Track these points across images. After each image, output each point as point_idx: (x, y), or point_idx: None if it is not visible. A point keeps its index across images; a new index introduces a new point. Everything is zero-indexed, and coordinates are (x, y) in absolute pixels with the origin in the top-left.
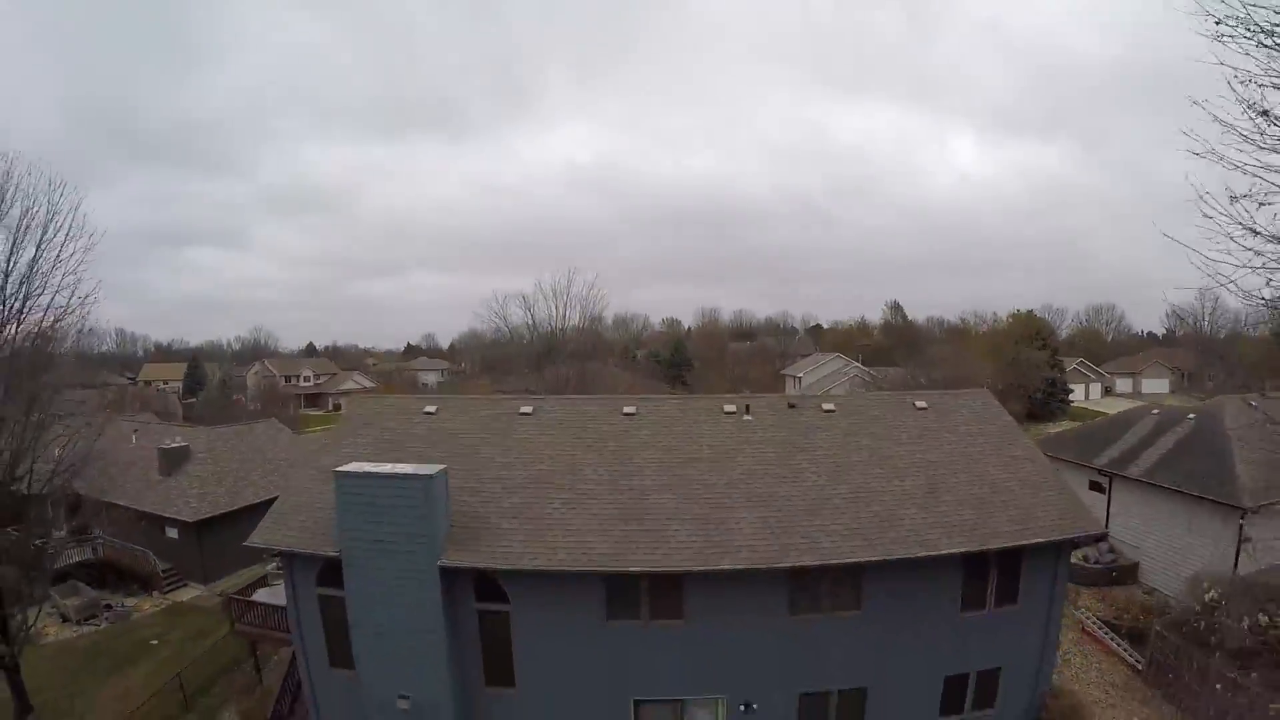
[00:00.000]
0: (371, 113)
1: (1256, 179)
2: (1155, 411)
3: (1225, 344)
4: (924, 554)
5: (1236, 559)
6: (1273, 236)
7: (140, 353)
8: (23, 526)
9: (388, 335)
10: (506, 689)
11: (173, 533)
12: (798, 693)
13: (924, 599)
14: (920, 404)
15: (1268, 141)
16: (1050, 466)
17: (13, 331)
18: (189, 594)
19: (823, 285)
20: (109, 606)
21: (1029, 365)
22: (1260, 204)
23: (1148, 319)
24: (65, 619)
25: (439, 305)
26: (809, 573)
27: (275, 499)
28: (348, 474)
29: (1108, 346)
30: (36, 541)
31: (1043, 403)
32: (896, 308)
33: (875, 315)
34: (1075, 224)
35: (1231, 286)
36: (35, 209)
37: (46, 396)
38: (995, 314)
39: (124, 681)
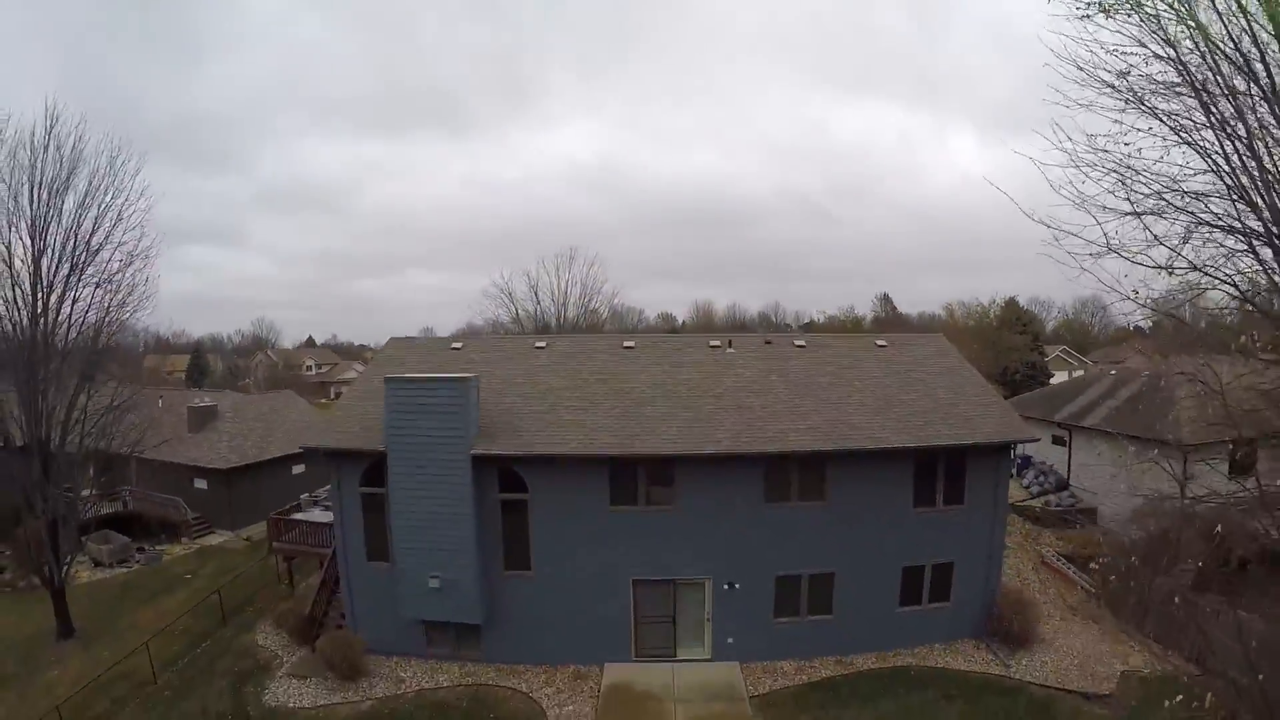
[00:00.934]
0: (372, 109)
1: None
2: (1113, 372)
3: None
4: (874, 447)
5: (1182, 493)
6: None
7: (140, 347)
8: (70, 485)
9: (386, 331)
10: (524, 572)
11: (201, 484)
12: (774, 575)
13: (880, 494)
14: (880, 342)
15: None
16: (993, 391)
17: (80, 292)
18: (217, 539)
19: (819, 283)
20: (141, 549)
21: (1009, 348)
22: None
23: (1136, 313)
24: (98, 563)
25: (437, 304)
26: (779, 463)
27: (300, 452)
28: (396, 379)
29: (1091, 338)
30: (70, 494)
31: (1022, 384)
32: (886, 300)
33: (866, 309)
34: (1066, 220)
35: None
36: (100, 175)
37: (104, 363)
38: (979, 301)
39: (160, 607)
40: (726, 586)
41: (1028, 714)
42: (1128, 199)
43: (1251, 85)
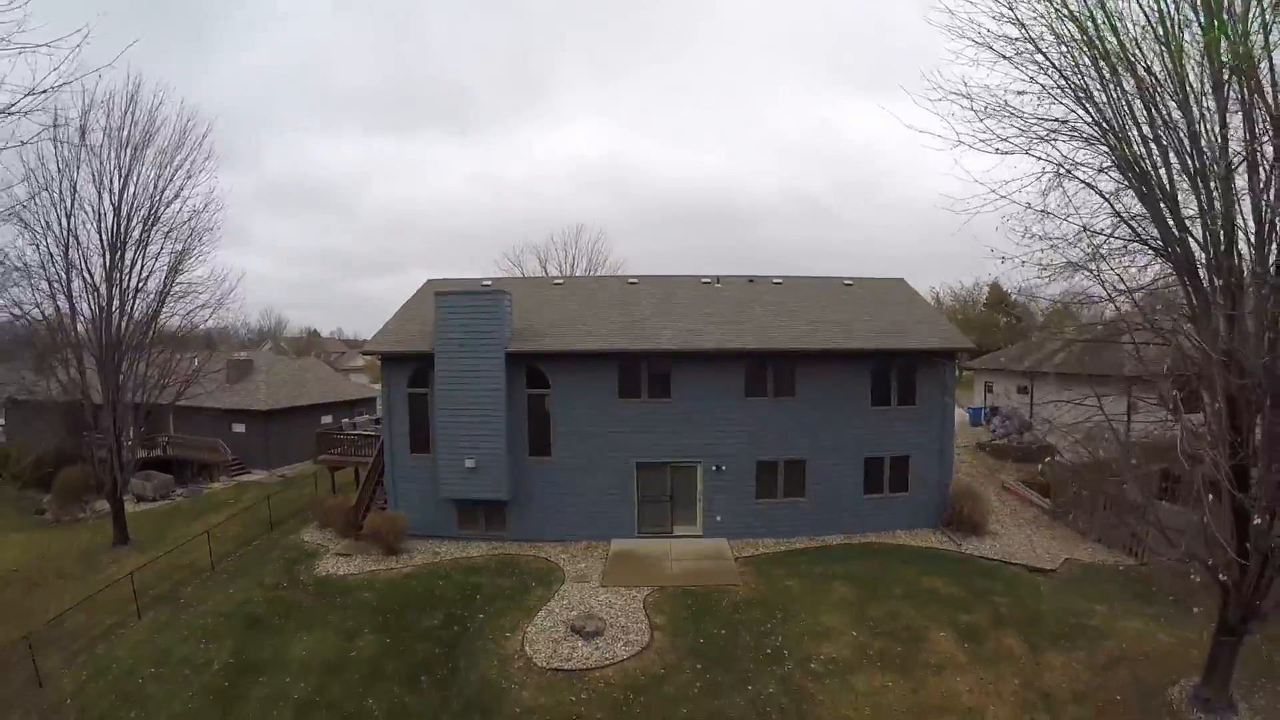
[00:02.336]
0: (378, 106)
1: None
2: (1071, 329)
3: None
4: (832, 347)
5: (1128, 422)
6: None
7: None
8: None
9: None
10: (545, 457)
11: (239, 427)
12: (754, 460)
13: (842, 393)
14: (847, 282)
15: None
16: (944, 318)
17: (152, 237)
18: (253, 478)
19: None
20: (183, 484)
21: (991, 326)
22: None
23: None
24: (141, 498)
25: None
26: (757, 362)
27: (329, 403)
28: (445, 292)
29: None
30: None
31: None
32: None
33: None
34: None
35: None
36: (174, 137)
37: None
38: (963, 284)
39: (207, 522)
40: (715, 468)
41: (975, 573)
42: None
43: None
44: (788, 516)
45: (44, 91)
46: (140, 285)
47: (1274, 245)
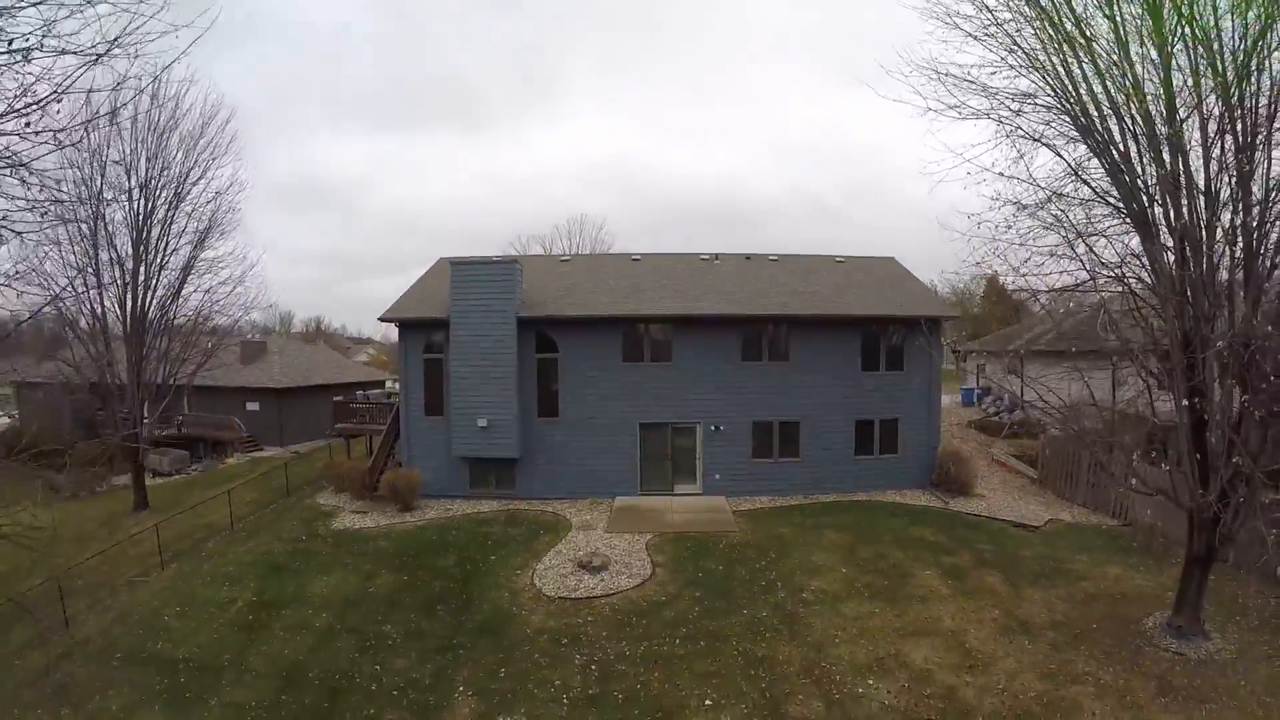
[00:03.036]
0: (383, 103)
1: None
2: (1061, 311)
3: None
4: (825, 312)
5: (1113, 396)
6: None
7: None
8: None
9: (390, 329)
10: (553, 418)
11: (254, 405)
12: (750, 421)
13: (834, 358)
14: (839, 259)
15: None
16: (932, 292)
17: (176, 216)
18: (266, 454)
19: None
20: (198, 459)
21: (989, 317)
22: None
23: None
24: (157, 473)
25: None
26: (753, 328)
27: (339, 384)
28: (460, 260)
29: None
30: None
31: None
32: None
33: None
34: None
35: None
36: (198, 123)
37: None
38: (959, 275)
39: (221, 491)
40: (713, 428)
41: (961, 526)
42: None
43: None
44: (783, 475)
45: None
46: (165, 261)
47: (1217, 193)
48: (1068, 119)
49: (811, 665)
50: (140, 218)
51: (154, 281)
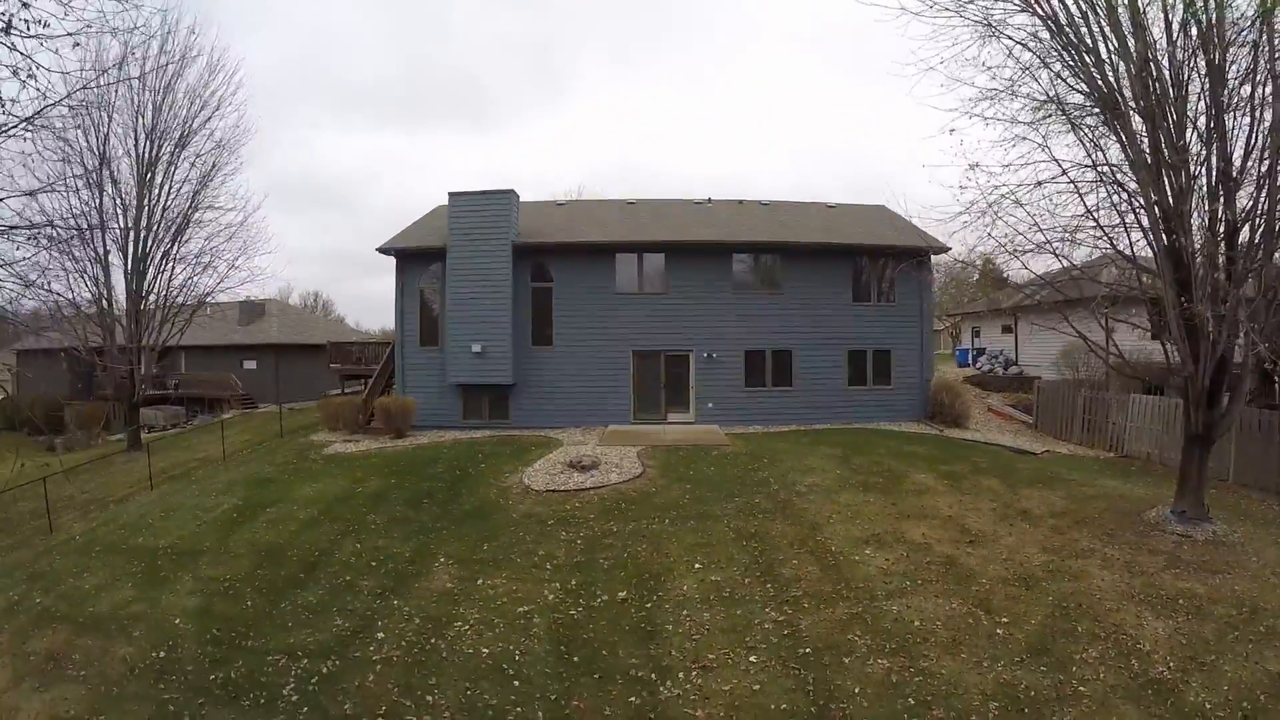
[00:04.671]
0: (387, 100)
1: None
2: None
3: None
4: (813, 241)
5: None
6: None
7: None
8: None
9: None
10: (547, 347)
11: (250, 364)
12: (743, 349)
13: (824, 289)
14: (831, 205)
15: None
16: (922, 230)
17: (179, 159)
18: (263, 411)
19: None
20: (195, 413)
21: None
22: None
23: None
24: (152, 428)
25: None
26: (746, 256)
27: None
28: (459, 192)
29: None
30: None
31: None
32: None
33: None
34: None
35: None
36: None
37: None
38: (957, 258)
39: (218, 437)
40: (706, 356)
41: (957, 446)
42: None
43: None
44: (776, 404)
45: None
46: (169, 200)
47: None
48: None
49: (806, 539)
50: (144, 163)
51: (157, 219)
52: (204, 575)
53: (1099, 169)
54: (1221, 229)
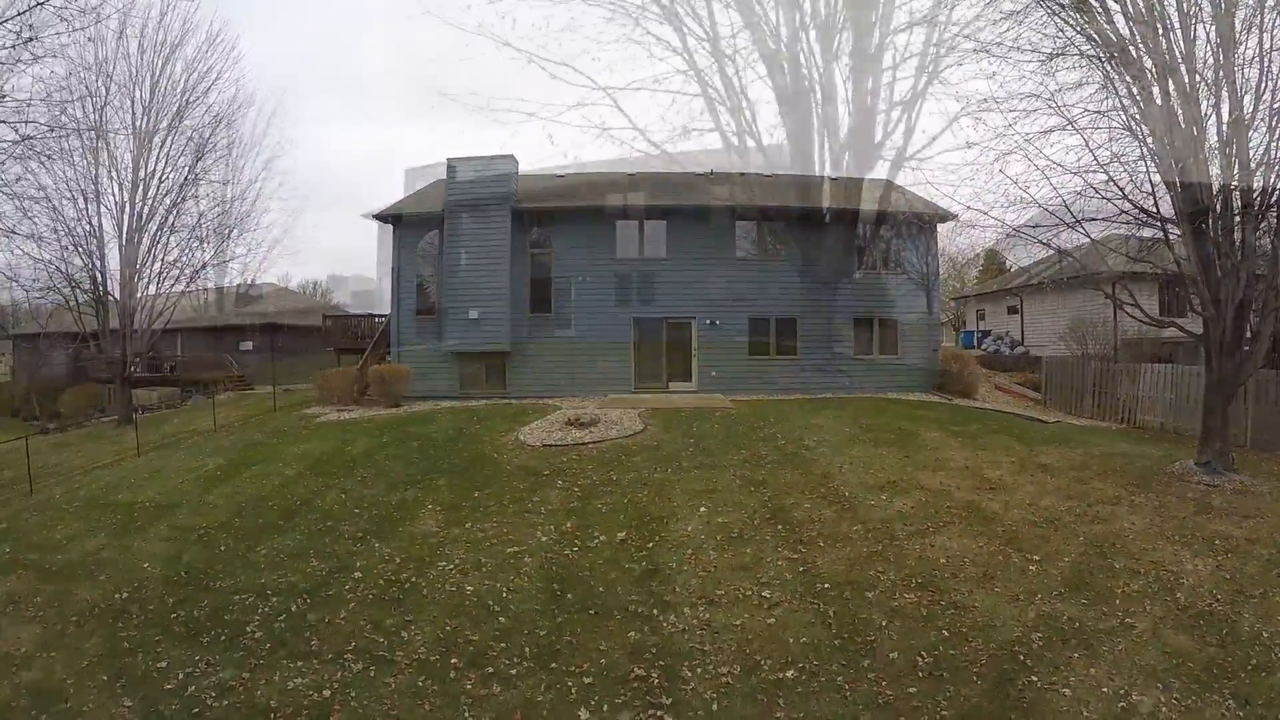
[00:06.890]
0: (391, 99)
1: None
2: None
3: None
4: (819, 205)
5: (1115, 320)
6: None
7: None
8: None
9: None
10: (545, 314)
11: (246, 346)
12: (747, 316)
13: (829, 255)
14: (831, 175)
15: None
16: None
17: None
18: (258, 393)
19: None
20: (189, 394)
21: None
22: None
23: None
24: (147, 409)
25: None
26: (748, 224)
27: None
28: (458, 158)
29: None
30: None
31: None
32: None
33: None
34: None
35: None
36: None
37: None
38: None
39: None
40: (709, 323)
41: (969, 411)
42: None
43: None
44: (780, 373)
45: None
46: (166, 172)
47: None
48: None
49: (816, 486)
50: (141, 133)
51: (153, 192)
52: (180, 525)
53: (1108, 114)
54: (1235, 170)
